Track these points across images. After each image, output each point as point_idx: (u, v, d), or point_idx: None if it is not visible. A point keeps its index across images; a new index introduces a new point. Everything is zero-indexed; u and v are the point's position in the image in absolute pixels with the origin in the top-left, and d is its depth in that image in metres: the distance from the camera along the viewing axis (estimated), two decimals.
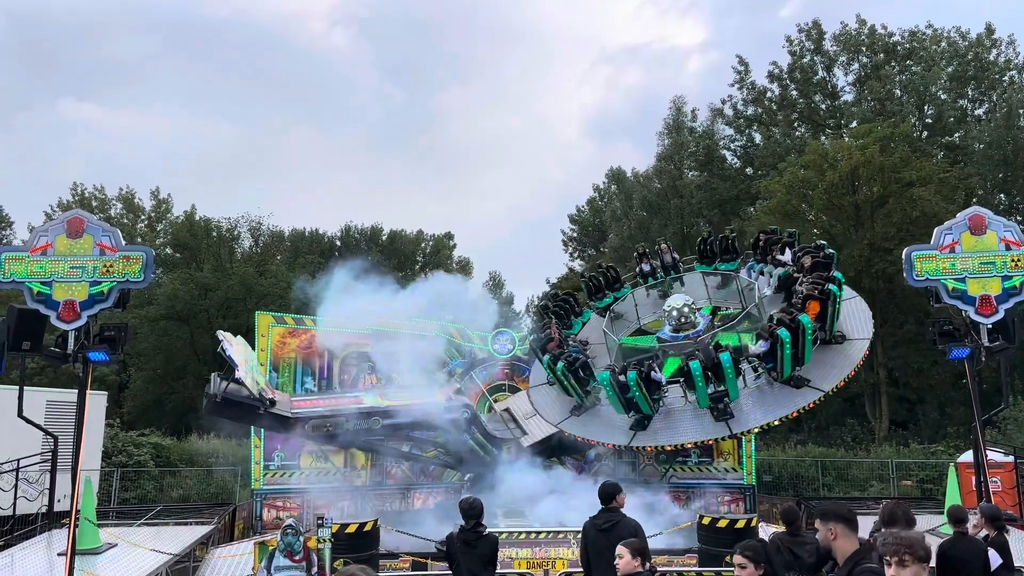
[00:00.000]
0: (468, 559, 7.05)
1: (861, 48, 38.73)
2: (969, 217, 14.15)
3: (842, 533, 4.27)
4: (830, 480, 24.66)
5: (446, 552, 7.31)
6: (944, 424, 29.11)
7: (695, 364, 14.51)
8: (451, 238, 55.27)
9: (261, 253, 43.67)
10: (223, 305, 36.64)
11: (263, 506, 19.19)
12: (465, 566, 7.02)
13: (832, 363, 15.42)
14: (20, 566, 10.79)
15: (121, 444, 23.47)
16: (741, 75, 41.34)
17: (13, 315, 12.52)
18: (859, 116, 36.64)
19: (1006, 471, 16.44)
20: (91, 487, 12.13)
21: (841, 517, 4.30)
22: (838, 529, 4.27)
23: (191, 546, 13.26)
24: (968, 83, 36.86)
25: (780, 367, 14.66)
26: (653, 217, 43.66)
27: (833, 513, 4.33)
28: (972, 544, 7.06)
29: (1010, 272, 13.72)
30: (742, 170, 42.35)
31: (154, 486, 23.14)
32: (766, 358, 14.83)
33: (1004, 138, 32.36)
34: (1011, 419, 23.59)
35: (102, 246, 12.68)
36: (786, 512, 7.59)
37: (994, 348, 13.61)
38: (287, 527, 9.16)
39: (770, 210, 31.52)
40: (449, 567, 7.36)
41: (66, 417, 15.92)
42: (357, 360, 20.56)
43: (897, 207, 28.94)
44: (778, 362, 14.60)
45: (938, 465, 22.80)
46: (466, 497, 7.50)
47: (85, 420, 11.93)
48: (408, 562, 12.08)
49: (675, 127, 44.22)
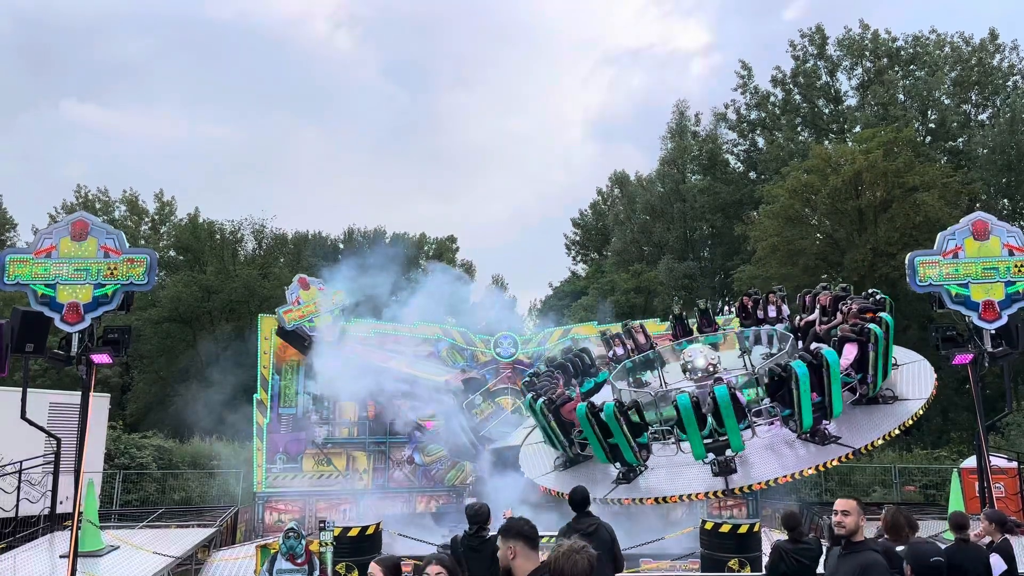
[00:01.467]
0: (474, 563, 7.08)
1: (864, 53, 38.75)
2: (972, 222, 14.13)
3: (521, 552, 3.89)
4: (832, 485, 24.60)
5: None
6: (947, 429, 29.05)
7: (683, 398, 12.62)
8: (454, 241, 55.30)
9: (264, 256, 43.68)
10: (226, 308, 36.66)
11: (265, 509, 19.21)
12: (471, 571, 7.04)
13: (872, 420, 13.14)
14: (22, 568, 10.80)
15: (123, 446, 23.47)
16: (744, 79, 41.40)
17: (17, 317, 12.54)
18: (862, 121, 36.63)
19: (1009, 477, 16.42)
20: (93, 489, 12.15)
21: (522, 534, 3.93)
22: (517, 547, 3.89)
23: (193, 549, 13.27)
24: (972, 88, 36.85)
25: (798, 415, 12.60)
26: (656, 221, 43.70)
27: (514, 530, 3.94)
28: (974, 551, 7.04)
29: (1013, 277, 13.69)
30: (745, 174, 42.37)
31: (156, 488, 23.14)
32: (780, 400, 12.81)
33: (1008, 143, 32.33)
34: (1015, 425, 23.54)
35: (106, 249, 12.72)
36: (787, 518, 7.58)
37: (997, 354, 13.59)
38: (289, 530, 9.16)
39: (773, 214, 31.51)
40: None
41: (69, 419, 15.95)
42: None
43: (900, 212, 28.91)
44: (795, 408, 12.58)
45: (941, 471, 22.73)
46: (473, 502, 7.57)
47: (88, 422, 11.96)
48: (410, 566, 12.06)
49: (678, 131, 44.27)
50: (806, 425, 12.68)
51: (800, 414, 12.57)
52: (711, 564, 11.32)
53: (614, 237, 46.88)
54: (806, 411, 12.54)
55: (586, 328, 23.33)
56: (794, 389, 12.36)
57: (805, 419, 12.61)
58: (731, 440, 12.63)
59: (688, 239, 43.09)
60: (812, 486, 24.99)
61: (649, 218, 44.35)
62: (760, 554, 11.02)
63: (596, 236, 52.66)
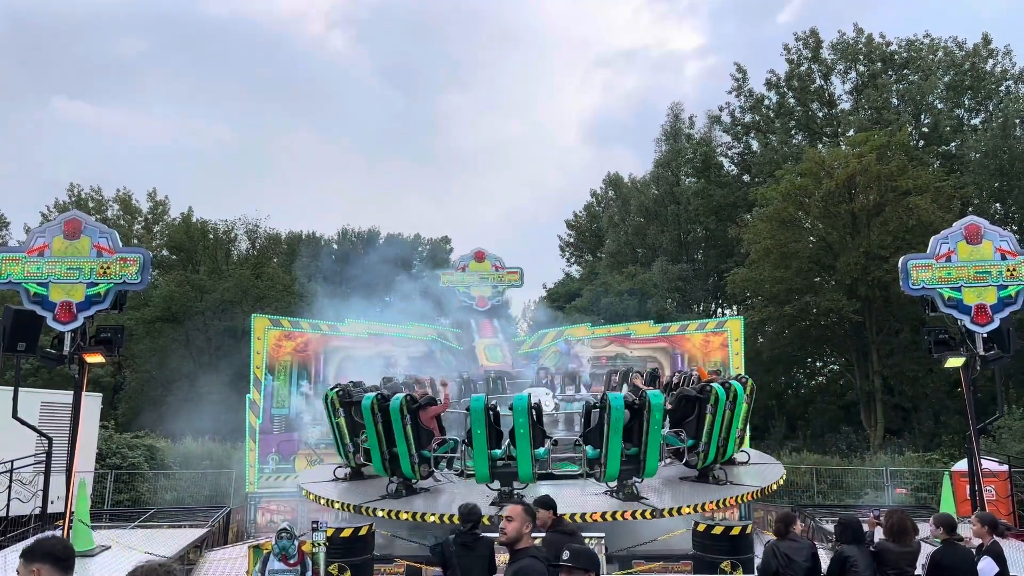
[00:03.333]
0: (467, 561, 7.11)
1: (858, 57, 38.89)
2: (965, 226, 14.21)
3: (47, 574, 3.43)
4: (825, 488, 24.66)
5: (440, 557, 7.35)
6: (939, 432, 29.16)
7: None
8: (448, 242, 55.28)
9: (258, 256, 43.61)
10: (219, 308, 36.56)
11: (258, 509, 19.15)
12: (463, 568, 7.07)
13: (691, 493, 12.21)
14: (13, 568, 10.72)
15: (115, 446, 23.35)
16: (739, 82, 41.50)
17: (9, 316, 12.48)
18: (856, 124, 36.75)
19: (1000, 480, 16.46)
20: (85, 489, 12.09)
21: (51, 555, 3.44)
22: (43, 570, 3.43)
23: (185, 549, 13.22)
24: (965, 93, 37.02)
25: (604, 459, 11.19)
26: (650, 223, 43.78)
27: (40, 552, 3.46)
28: (962, 552, 7.08)
29: (1005, 281, 13.77)
30: (739, 177, 42.48)
31: (148, 488, 23.03)
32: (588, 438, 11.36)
33: (1000, 148, 32.49)
34: (1006, 428, 23.60)
35: (99, 248, 12.68)
36: (781, 518, 7.59)
37: (989, 357, 13.66)
38: (282, 531, 9.14)
39: (767, 217, 31.59)
40: (443, 573, 7.39)
41: (61, 418, 15.85)
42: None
43: (893, 216, 29.02)
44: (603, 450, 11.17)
45: (932, 473, 22.79)
46: (466, 503, 7.58)
47: (80, 422, 11.91)
48: (403, 567, 12.04)
49: (673, 134, 44.38)
50: (610, 473, 11.21)
51: (606, 458, 11.06)
52: (703, 566, 11.32)
53: (608, 239, 46.94)
54: (613, 456, 11.03)
55: (580, 330, 23.37)
56: (605, 425, 10.87)
57: (611, 466, 11.06)
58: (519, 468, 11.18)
59: (682, 241, 43.16)
60: (805, 488, 25.06)
61: (643, 220, 44.43)
62: (752, 556, 11.04)
63: (590, 238, 52.71)
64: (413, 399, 12.09)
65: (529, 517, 4.92)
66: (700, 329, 21.51)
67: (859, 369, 31.93)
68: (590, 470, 11.51)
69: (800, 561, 7.10)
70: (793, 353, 34.63)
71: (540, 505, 7.23)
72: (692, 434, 11.95)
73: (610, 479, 11.41)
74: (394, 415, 11.70)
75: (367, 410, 11.92)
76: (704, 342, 21.06)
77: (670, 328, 22.14)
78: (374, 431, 11.95)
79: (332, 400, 13.35)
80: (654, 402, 10.97)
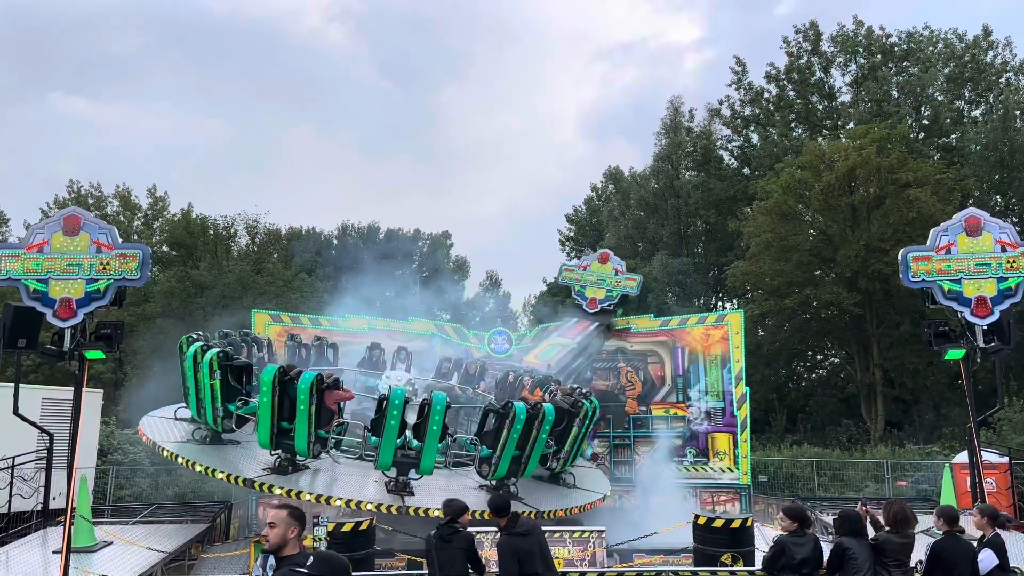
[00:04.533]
0: (443, 555, 7.17)
1: (858, 49, 38.83)
2: (965, 218, 14.18)
3: None
4: (825, 480, 24.70)
5: (424, 552, 7.45)
6: (939, 425, 29.18)
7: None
8: (448, 237, 55.26)
9: (258, 251, 43.61)
10: (219, 303, 36.55)
11: (259, 505, 19.15)
12: (440, 562, 7.11)
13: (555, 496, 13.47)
14: (15, 564, 10.75)
15: (116, 442, 23.36)
16: (739, 75, 41.45)
17: (9, 312, 12.49)
18: (856, 117, 36.72)
19: (1001, 472, 16.47)
20: (86, 485, 12.10)
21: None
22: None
23: (186, 544, 13.25)
24: (965, 84, 36.97)
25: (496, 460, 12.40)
26: (650, 217, 43.76)
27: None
28: (963, 544, 7.09)
29: (1005, 273, 13.75)
30: (739, 170, 42.46)
31: (149, 484, 23.04)
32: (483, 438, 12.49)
33: (1000, 140, 32.46)
34: (1006, 420, 23.63)
35: (99, 244, 12.67)
36: (793, 511, 7.54)
37: (989, 349, 13.65)
38: None
39: (767, 211, 31.58)
40: (427, 566, 7.45)
41: (62, 415, 15.87)
42: None
43: (893, 208, 29.01)
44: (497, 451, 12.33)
45: (933, 466, 22.82)
46: (449, 497, 7.68)
47: (81, 418, 11.92)
48: (404, 561, 12.06)
49: (672, 127, 44.33)
50: (500, 472, 12.25)
51: (499, 459, 12.19)
52: (704, 559, 11.34)
53: (608, 233, 46.89)
54: (506, 458, 12.16)
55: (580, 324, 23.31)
56: (505, 430, 12.04)
57: (501, 466, 12.22)
58: (424, 460, 11.85)
59: (682, 235, 43.15)
60: (806, 481, 25.11)
61: (643, 214, 44.40)
62: (753, 549, 11.05)
63: (590, 232, 52.65)
64: (322, 379, 12.07)
65: (296, 521, 4.62)
66: (700, 323, 21.49)
67: (859, 362, 31.95)
68: (479, 468, 12.59)
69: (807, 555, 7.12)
70: (793, 346, 34.64)
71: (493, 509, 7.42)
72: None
73: (497, 478, 12.48)
74: (302, 393, 11.61)
75: (267, 383, 11.66)
76: (704, 336, 21.04)
77: (670, 322, 22.13)
78: (269, 404, 11.67)
79: (211, 361, 12.34)
80: (549, 416, 12.32)
